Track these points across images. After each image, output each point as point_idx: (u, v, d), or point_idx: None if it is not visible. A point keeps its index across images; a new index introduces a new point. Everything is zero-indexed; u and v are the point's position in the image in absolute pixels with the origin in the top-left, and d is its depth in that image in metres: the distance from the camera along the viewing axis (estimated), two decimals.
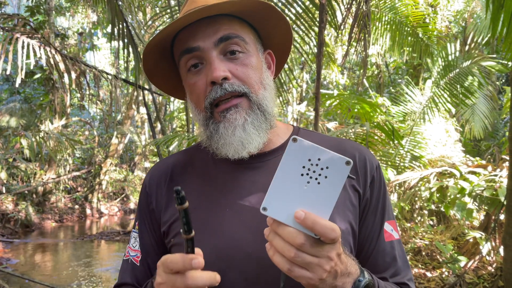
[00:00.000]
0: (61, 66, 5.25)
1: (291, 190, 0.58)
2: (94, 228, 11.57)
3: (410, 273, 0.88)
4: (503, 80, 13.17)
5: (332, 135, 4.09)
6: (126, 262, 0.94)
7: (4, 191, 10.76)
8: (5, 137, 10.76)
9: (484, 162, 5.82)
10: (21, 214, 10.46)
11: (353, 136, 4.03)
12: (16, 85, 7.36)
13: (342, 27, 3.65)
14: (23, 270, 6.81)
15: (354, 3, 3.37)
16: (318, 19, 3.10)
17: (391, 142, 4.61)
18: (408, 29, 6.10)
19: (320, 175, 0.57)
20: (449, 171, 4.92)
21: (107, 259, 7.85)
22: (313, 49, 3.72)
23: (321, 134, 0.99)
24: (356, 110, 4.96)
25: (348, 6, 3.37)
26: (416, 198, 5.52)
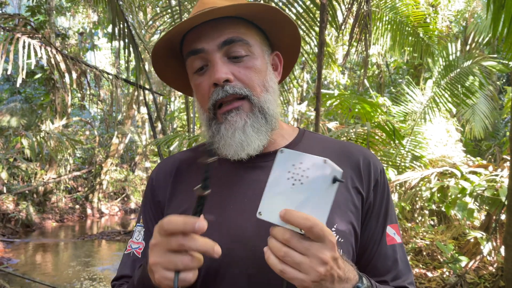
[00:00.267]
0: (62, 66, 5.26)
1: (281, 194, 0.64)
2: (95, 228, 11.58)
3: (411, 277, 0.89)
4: (504, 80, 13.16)
5: (333, 135, 4.09)
6: (127, 256, 0.94)
7: (5, 191, 10.77)
8: (6, 137, 10.78)
9: (485, 162, 5.82)
10: (22, 214, 10.47)
11: (354, 136, 4.02)
12: (17, 85, 7.36)
13: (343, 27, 3.65)
14: (24, 270, 6.81)
15: (355, 3, 3.37)
16: (319, 19, 3.10)
17: (392, 142, 4.62)
18: (409, 29, 6.10)
19: (303, 176, 0.63)
20: (450, 171, 4.92)
21: (108, 259, 7.85)
22: (314, 49, 3.72)
23: (327, 137, 1.00)
24: (357, 110, 4.96)
25: (349, 6, 3.37)
26: (417, 198, 5.52)
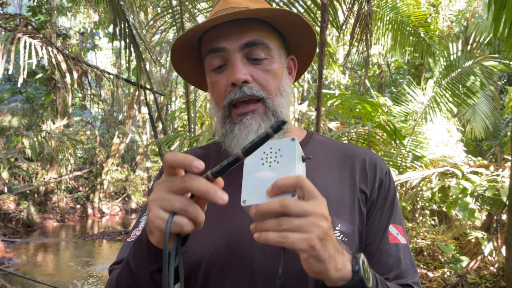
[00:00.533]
0: (63, 66, 5.26)
1: (259, 177, 0.66)
2: (96, 228, 11.59)
3: (417, 277, 0.86)
4: (505, 80, 13.14)
5: (334, 135, 4.08)
6: (129, 242, 0.92)
7: (6, 191, 10.78)
8: (7, 137, 10.80)
9: (486, 162, 5.82)
10: (23, 214, 10.49)
11: (355, 136, 4.02)
12: (18, 85, 7.36)
13: (344, 27, 3.65)
14: (25, 270, 6.82)
15: (356, 3, 3.37)
16: (320, 19, 3.10)
17: (393, 142, 4.61)
18: (410, 29, 6.09)
19: (276, 156, 0.66)
20: (451, 171, 4.91)
21: (109, 259, 7.85)
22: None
23: (334, 140, 1.00)
24: (358, 110, 4.95)
25: (350, 6, 3.37)
26: (418, 198, 5.52)
